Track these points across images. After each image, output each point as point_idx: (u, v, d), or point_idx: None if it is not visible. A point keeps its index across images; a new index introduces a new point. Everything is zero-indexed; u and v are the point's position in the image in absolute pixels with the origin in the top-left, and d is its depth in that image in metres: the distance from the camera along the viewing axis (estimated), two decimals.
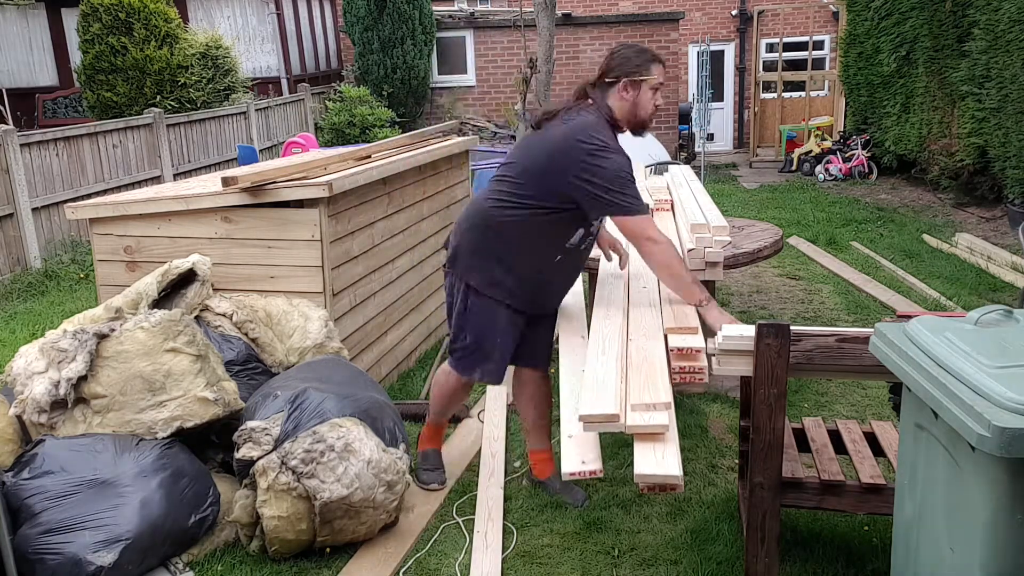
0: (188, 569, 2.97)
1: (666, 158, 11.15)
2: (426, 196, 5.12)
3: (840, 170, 11.78)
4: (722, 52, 16.28)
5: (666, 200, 4.52)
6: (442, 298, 3.73)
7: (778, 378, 2.49)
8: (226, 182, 3.81)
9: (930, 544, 2.00)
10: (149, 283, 3.57)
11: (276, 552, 3.00)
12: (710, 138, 14.15)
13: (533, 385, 3.43)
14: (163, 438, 3.06)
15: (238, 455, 3.01)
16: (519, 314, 3.21)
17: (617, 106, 3.01)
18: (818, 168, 12.04)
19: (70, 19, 13.12)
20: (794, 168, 12.70)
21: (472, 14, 14.52)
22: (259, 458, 2.97)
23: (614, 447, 3.73)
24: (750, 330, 2.57)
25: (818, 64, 15.61)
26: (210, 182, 4.46)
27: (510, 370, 3.45)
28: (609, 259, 3.47)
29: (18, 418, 3.13)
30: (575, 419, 2.47)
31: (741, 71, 16.43)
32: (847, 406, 4.24)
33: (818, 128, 13.05)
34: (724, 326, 2.67)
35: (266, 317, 3.74)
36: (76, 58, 11.99)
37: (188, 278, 3.68)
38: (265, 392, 3.22)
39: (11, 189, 7.30)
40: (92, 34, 10.80)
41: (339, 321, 4.02)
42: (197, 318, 3.59)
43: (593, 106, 3.02)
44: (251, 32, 14.20)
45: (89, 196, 7.66)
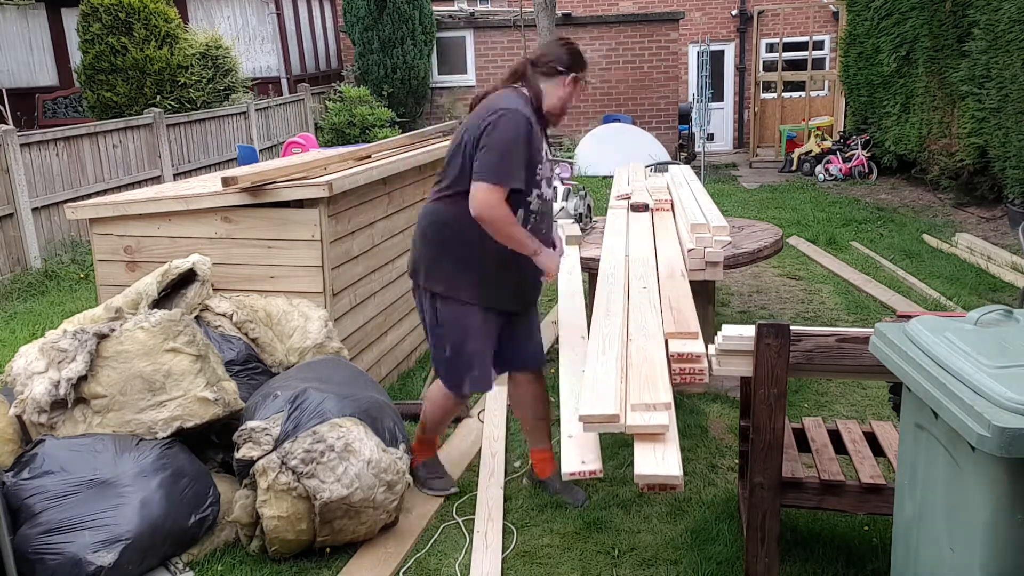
0: (188, 569, 2.97)
1: (666, 158, 11.17)
2: (426, 196, 5.10)
3: (840, 170, 11.78)
4: (722, 52, 16.29)
5: (666, 200, 4.51)
6: None
7: (778, 378, 2.50)
8: (226, 182, 3.81)
9: (930, 544, 2.00)
10: (149, 283, 3.57)
11: (276, 552, 3.00)
12: (710, 138, 14.14)
13: (526, 386, 3.41)
14: (163, 438, 3.06)
15: (238, 455, 3.01)
16: (490, 312, 3.15)
17: (552, 94, 3.02)
18: (818, 168, 12.04)
19: (70, 19, 13.13)
20: (794, 168, 12.70)
21: (472, 14, 14.52)
22: (259, 458, 2.97)
23: (614, 447, 3.73)
24: (750, 330, 2.57)
25: (818, 64, 15.61)
26: (210, 182, 4.46)
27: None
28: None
29: (18, 418, 3.13)
30: (575, 419, 2.47)
31: (741, 71, 16.44)
32: (847, 406, 4.24)
33: (818, 128, 13.04)
34: (724, 326, 2.68)
35: (266, 317, 3.74)
36: (76, 58, 11.99)
37: (188, 278, 3.68)
38: (265, 392, 3.22)
39: (11, 189, 7.30)
40: (92, 34, 10.80)
41: (339, 321, 4.02)
42: (197, 318, 3.59)
43: (522, 88, 3.02)
44: (251, 32, 14.20)
45: (89, 196, 7.66)
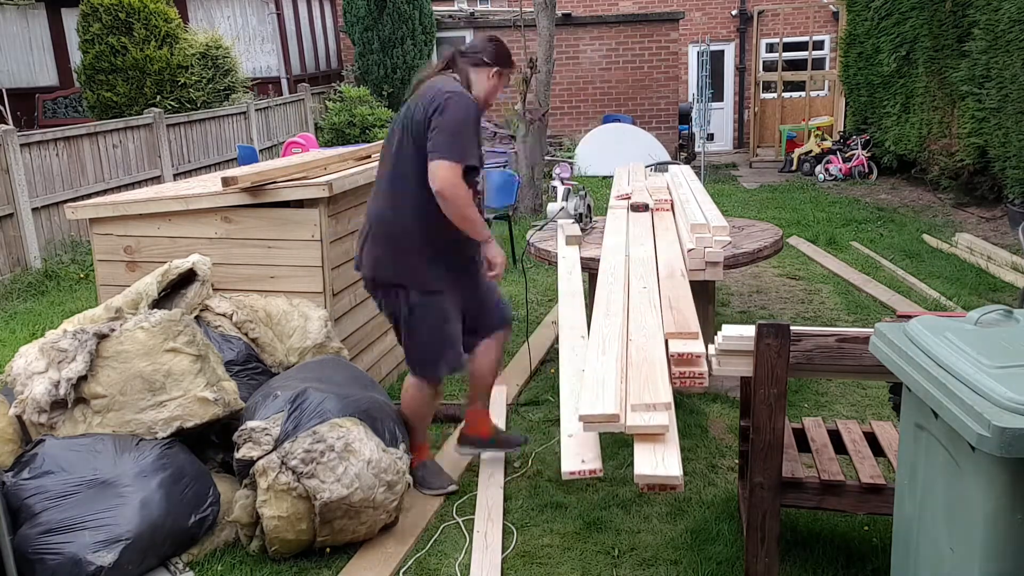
0: (188, 569, 2.97)
1: (666, 158, 11.17)
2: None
3: (840, 170, 11.78)
4: (722, 52, 16.29)
5: (666, 200, 4.51)
6: None
7: (778, 378, 2.50)
8: (226, 182, 3.82)
9: (930, 544, 2.00)
10: (149, 283, 3.57)
11: (276, 552, 3.00)
12: (710, 138, 14.14)
13: (491, 353, 3.49)
14: (163, 438, 3.06)
15: (238, 455, 3.01)
16: (454, 291, 3.31)
17: (479, 85, 3.25)
18: (818, 168, 12.03)
19: (70, 19, 13.13)
20: (794, 168, 12.70)
21: (472, 14, 14.52)
22: (259, 458, 2.97)
23: (614, 447, 3.73)
24: (750, 330, 2.57)
25: (818, 64, 15.61)
26: (210, 182, 4.46)
27: (515, 368, 3.45)
28: None
29: (18, 418, 3.13)
30: (575, 419, 2.47)
31: (741, 71, 16.44)
32: (847, 406, 4.24)
33: (818, 128, 13.04)
34: (724, 326, 2.68)
35: (266, 317, 3.74)
36: (76, 58, 11.99)
37: (188, 278, 3.68)
38: (265, 392, 3.22)
39: (11, 189, 7.30)
40: (92, 34, 10.80)
41: (339, 321, 4.02)
42: (197, 318, 3.59)
43: (454, 76, 3.23)
44: (251, 32, 14.20)
45: (89, 196, 7.66)
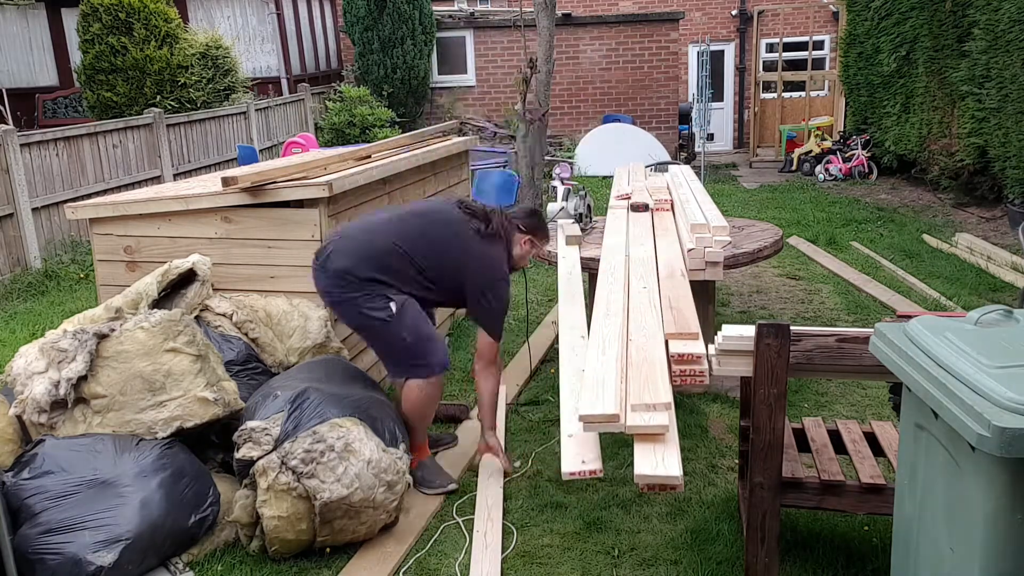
0: (188, 569, 2.97)
1: (666, 158, 11.17)
2: (426, 196, 5.12)
3: (840, 170, 11.78)
4: (722, 52, 16.29)
5: (666, 200, 4.51)
6: None
7: (778, 378, 2.50)
8: (226, 182, 3.81)
9: (930, 544, 2.00)
10: (149, 283, 3.57)
11: (276, 552, 3.00)
12: (710, 138, 14.14)
13: (413, 390, 3.48)
14: (163, 438, 3.06)
15: (238, 455, 3.01)
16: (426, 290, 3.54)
17: (516, 249, 3.65)
18: (818, 168, 12.04)
19: (70, 19, 13.13)
20: (794, 168, 12.70)
21: (472, 14, 14.51)
22: (259, 458, 2.97)
23: (614, 447, 3.73)
24: (750, 330, 2.57)
25: (818, 64, 15.61)
26: (210, 182, 4.46)
27: (515, 368, 3.45)
28: None
29: (18, 418, 3.13)
30: (575, 419, 2.47)
31: (741, 71, 16.44)
32: (847, 406, 4.24)
33: (818, 128, 13.04)
34: (724, 326, 2.68)
35: (266, 317, 3.74)
36: (76, 58, 11.99)
37: (188, 278, 3.69)
38: (265, 392, 3.22)
39: (11, 189, 7.30)
40: (92, 34, 10.80)
41: (339, 321, 4.01)
42: (197, 318, 3.59)
43: (503, 238, 3.59)
44: (251, 32, 14.20)
45: (89, 196, 7.66)
